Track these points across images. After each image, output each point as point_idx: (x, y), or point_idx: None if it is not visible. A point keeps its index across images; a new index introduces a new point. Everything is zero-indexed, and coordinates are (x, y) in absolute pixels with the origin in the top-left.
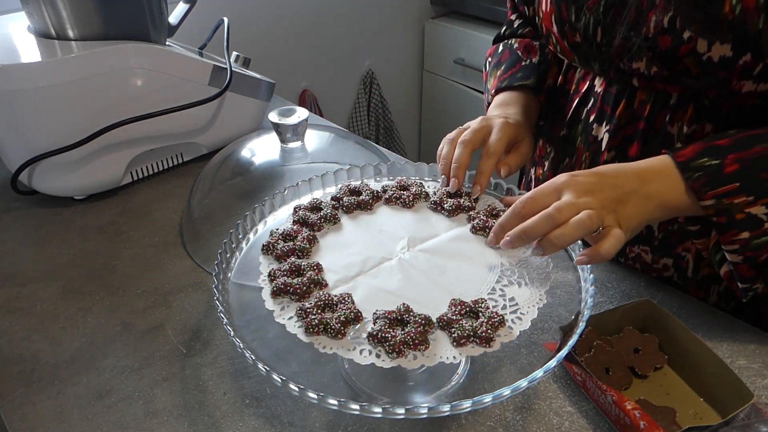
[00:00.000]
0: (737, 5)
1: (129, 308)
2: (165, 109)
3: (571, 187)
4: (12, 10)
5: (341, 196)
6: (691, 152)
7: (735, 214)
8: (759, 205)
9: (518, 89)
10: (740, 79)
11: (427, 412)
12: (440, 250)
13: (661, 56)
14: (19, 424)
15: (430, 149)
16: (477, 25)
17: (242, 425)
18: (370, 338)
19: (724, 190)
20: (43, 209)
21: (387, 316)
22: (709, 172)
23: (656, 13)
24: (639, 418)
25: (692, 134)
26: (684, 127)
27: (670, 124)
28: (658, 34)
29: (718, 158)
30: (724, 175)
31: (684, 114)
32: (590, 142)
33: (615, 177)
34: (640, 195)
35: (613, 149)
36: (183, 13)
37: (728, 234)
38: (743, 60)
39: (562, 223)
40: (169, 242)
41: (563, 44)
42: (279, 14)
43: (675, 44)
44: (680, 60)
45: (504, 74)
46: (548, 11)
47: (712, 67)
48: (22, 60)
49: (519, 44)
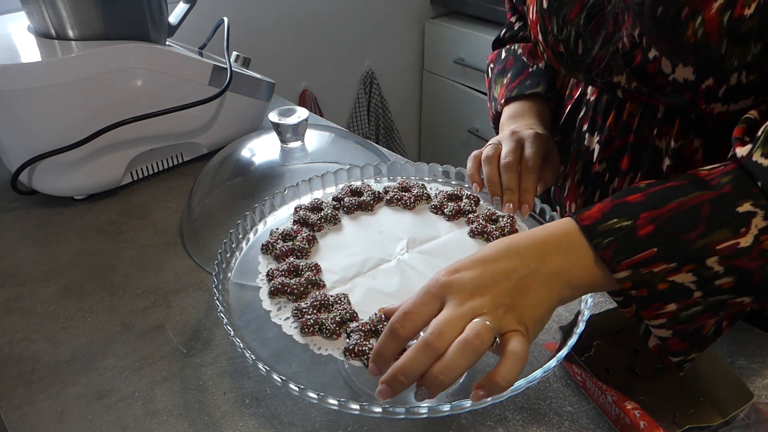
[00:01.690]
0: (699, 29)
1: (129, 308)
2: (165, 109)
3: (453, 290)
4: (12, 10)
5: (342, 197)
6: (597, 213)
7: (657, 284)
8: (684, 272)
9: (529, 98)
10: (707, 102)
11: (427, 412)
12: (439, 253)
13: (635, 72)
14: (19, 424)
15: (430, 149)
16: (477, 25)
17: (242, 425)
18: (347, 353)
19: (640, 257)
20: (43, 209)
21: (361, 328)
22: (621, 236)
23: (627, 28)
24: (639, 417)
25: (680, 149)
26: (672, 142)
27: (658, 138)
28: (631, 49)
29: (629, 218)
30: (637, 240)
31: (671, 128)
32: (582, 152)
33: (506, 259)
34: (541, 275)
35: (604, 161)
36: (183, 13)
37: (651, 308)
38: (706, 84)
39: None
40: (169, 242)
41: (549, 54)
42: (279, 14)
43: (643, 61)
44: (652, 77)
45: (512, 82)
46: (534, 20)
47: (678, 88)
48: (22, 60)
49: (523, 49)
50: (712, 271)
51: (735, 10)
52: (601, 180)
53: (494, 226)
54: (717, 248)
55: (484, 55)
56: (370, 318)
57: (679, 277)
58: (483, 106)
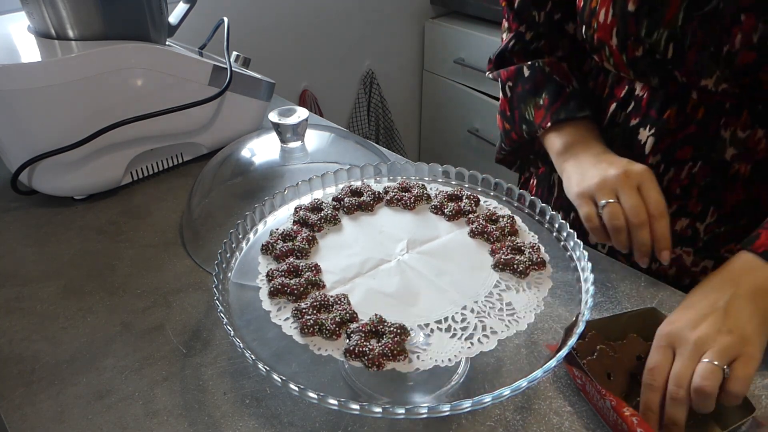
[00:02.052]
0: None
1: (129, 308)
2: (165, 109)
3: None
4: (12, 10)
5: (342, 197)
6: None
7: None
8: None
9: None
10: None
11: (427, 412)
12: (439, 253)
13: (737, 72)
14: (19, 424)
15: (430, 149)
16: (477, 25)
17: (242, 425)
18: (347, 354)
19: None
20: (43, 209)
21: (361, 329)
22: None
23: (744, 29)
24: (637, 424)
25: (746, 139)
26: (738, 132)
27: (723, 129)
28: (740, 50)
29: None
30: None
31: (738, 119)
32: (635, 146)
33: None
34: (741, 295)
35: (659, 153)
36: (183, 13)
37: None
38: None
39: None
40: (169, 242)
41: (619, 58)
42: (279, 14)
43: (759, 60)
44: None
45: (553, 104)
46: (607, 23)
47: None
48: (22, 60)
49: (551, 67)
50: None
51: None
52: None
53: (494, 227)
54: None
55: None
56: (370, 319)
57: None
58: (483, 106)
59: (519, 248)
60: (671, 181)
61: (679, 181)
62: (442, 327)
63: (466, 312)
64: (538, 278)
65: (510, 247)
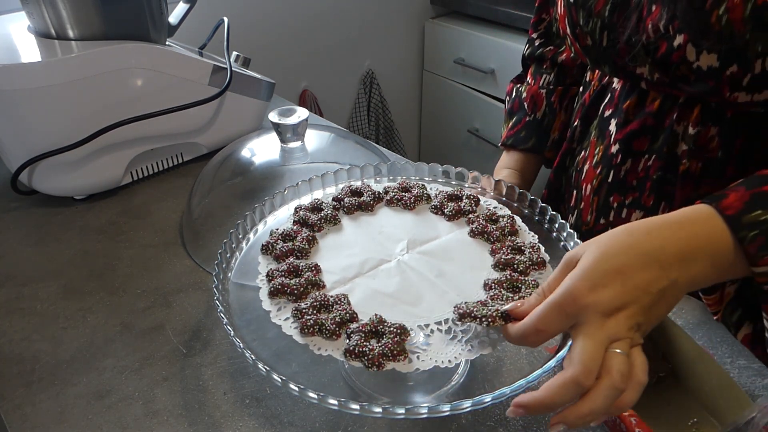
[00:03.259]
0: (723, 16)
1: (129, 308)
2: (165, 109)
3: (589, 312)
4: (12, 10)
5: (342, 197)
6: (738, 202)
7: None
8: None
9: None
10: (731, 90)
11: (427, 412)
12: (439, 253)
13: (660, 62)
14: (19, 424)
15: (430, 149)
16: (477, 25)
17: (242, 425)
18: (347, 354)
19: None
20: (43, 209)
21: (361, 329)
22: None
23: (653, 18)
24: (635, 425)
25: (697, 135)
26: (689, 128)
27: (676, 123)
28: (655, 39)
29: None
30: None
31: (690, 114)
32: (605, 136)
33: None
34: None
35: (618, 142)
36: (183, 13)
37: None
38: (730, 71)
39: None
40: (169, 242)
41: (576, 47)
42: (279, 14)
43: (668, 51)
44: (677, 66)
45: (511, 130)
46: (562, 14)
47: (703, 76)
48: (22, 60)
49: (527, 94)
50: None
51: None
52: (615, 161)
53: (494, 226)
54: None
55: (484, 55)
56: (370, 319)
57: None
58: (483, 106)
59: (519, 248)
60: (628, 172)
61: (635, 172)
62: (442, 328)
63: None
64: (538, 278)
65: (510, 247)
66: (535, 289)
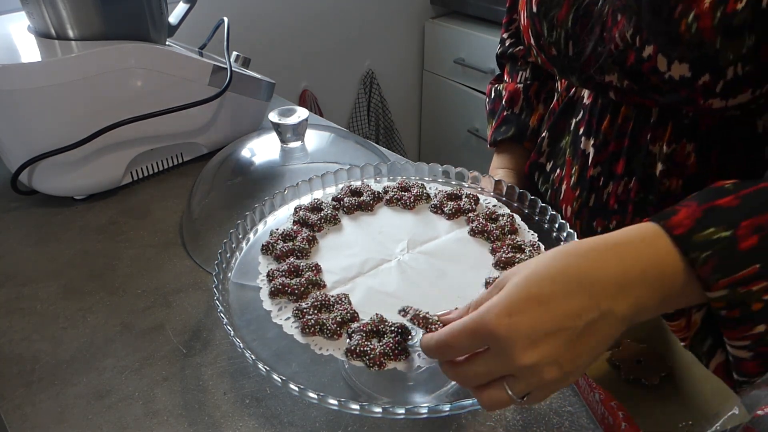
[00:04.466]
0: (693, 25)
1: (129, 308)
2: (165, 109)
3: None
4: (12, 10)
5: (342, 197)
6: (689, 221)
7: (752, 304)
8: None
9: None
10: (705, 98)
11: (427, 412)
12: (439, 253)
13: (629, 72)
14: (19, 424)
15: (430, 149)
16: (477, 25)
17: (242, 425)
18: (348, 354)
19: (741, 275)
20: (43, 209)
21: (362, 329)
22: (720, 249)
23: (618, 28)
24: (622, 418)
25: (672, 153)
26: (664, 146)
27: (651, 143)
28: (623, 49)
29: (727, 227)
30: (739, 254)
31: (664, 133)
32: (579, 155)
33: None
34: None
35: (599, 165)
36: (183, 13)
37: (738, 330)
38: (702, 80)
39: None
40: (169, 242)
41: (542, 57)
42: (279, 14)
43: (637, 60)
44: (647, 76)
45: (492, 126)
46: (526, 25)
47: (675, 85)
48: (22, 60)
49: (506, 92)
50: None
51: (728, 6)
52: (596, 184)
53: (494, 225)
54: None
55: (484, 55)
56: (371, 318)
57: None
58: (483, 106)
59: (519, 247)
60: (609, 195)
61: (616, 195)
62: None
63: None
64: None
65: (510, 245)
66: None
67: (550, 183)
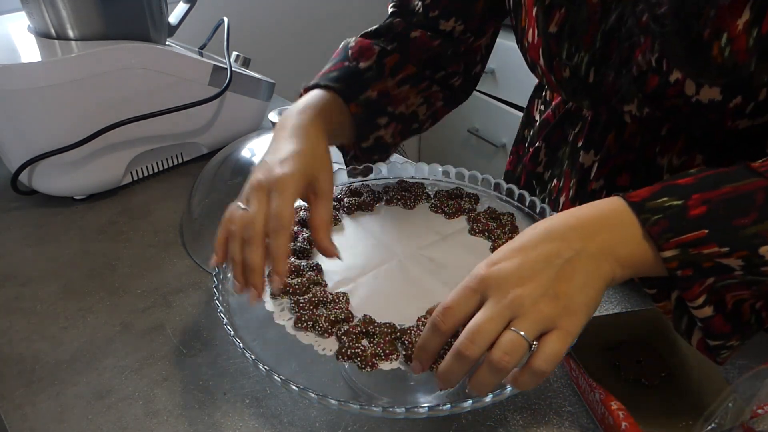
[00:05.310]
0: (726, 48)
1: (129, 308)
2: (165, 109)
3: (492, 285)
4: (12, 10)
5: (342, 197)
6: (646, 192)
7: (703, 263)
8: (735, 257)
9: (325, 89)
10: (734, 120)
11: (427, 411)
12: (439, 252)
13: (650, 97)
14: (19, 424)
15: (430, 149)
16: None
17: (242, 425)
18: (339, 356)
19: (690, 237)
20: (43, 209)
21: (352, 331)
22: (671, 214)
23: (643, 52)
24: (622, 418)
25: (682, 165)
26: (674, 159)
27: (660, 156)
28: (645, 73)
29: (680, 198)
30: (688, 219)
31: (674, 145)
32: (577, 169)
33: (547, 243)
34: (588, 254)
35: (602, 178)
36: (183, 13)
37: (694, 288)
38: (734, 103)
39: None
40: (169, 242)
41: (550, 78)
42: (279, 14)
43: (662, 85)
44: (669, 100)
45: (322, 72)
46: (535, 43)
47: (703, 109)
48: (22, 60)
49: (356, 44)
50: (764, 259)
51: (762, 27)
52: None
53: (495, 224)
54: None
55: None
56: (359, 320)
57: (728, 260)
58: (483, 106)
59: None
60: None
61: None
62: None
63: None
64: None
65: None
66: None
67: (548, 192)
